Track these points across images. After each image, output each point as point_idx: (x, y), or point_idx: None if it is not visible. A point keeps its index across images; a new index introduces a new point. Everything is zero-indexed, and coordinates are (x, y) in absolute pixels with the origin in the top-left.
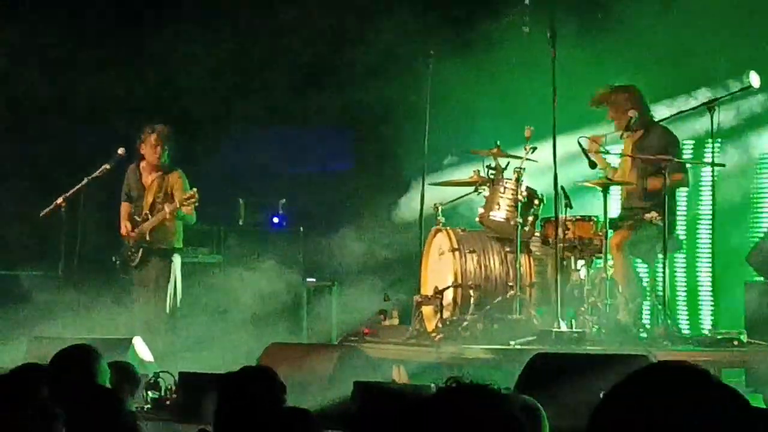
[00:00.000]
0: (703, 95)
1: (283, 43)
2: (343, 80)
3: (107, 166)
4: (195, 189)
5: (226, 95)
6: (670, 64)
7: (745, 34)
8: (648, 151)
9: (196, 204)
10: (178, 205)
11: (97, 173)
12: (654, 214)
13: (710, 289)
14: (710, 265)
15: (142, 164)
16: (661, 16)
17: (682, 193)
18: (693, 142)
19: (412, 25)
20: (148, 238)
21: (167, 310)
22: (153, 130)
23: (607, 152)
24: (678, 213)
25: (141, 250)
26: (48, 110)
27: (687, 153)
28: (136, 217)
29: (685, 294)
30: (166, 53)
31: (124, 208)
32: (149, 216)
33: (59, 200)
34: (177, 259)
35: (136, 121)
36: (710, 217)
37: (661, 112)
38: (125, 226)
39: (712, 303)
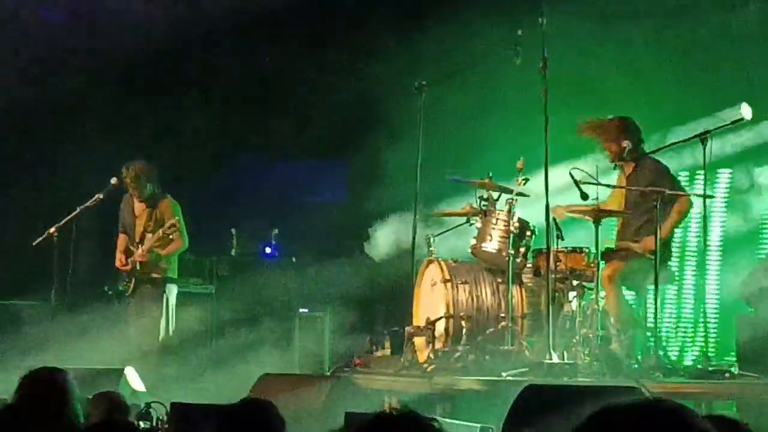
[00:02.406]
0: (699, 127)
1: (276, 75)
2: (335, 111)
3: (100, 196)
4: (176, 218)
5: (218, 127)
6: (665, 96)
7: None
8: (639, 185)
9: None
10: (149, 246)
11: (89, 203)
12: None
13: (702, 321)
14: (702, 297)
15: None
16: (656, 47)
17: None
18: (687, 173)
19: (404, 55)
20: (138, 268)
21: (160, 340)
22: (128, 169)
23: (599, 183)
24: (672, 246)
25: (134, 279)
26: (38, 139)
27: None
28: (131, 248)
29: (677, 326)
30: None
31: (121, 239)
32: (139, 246)
33: (51, 230)
34: (172, 290)
35: (127, 151)
36: (703, 248)
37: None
38: (119, 259)
39: (704, 335)
